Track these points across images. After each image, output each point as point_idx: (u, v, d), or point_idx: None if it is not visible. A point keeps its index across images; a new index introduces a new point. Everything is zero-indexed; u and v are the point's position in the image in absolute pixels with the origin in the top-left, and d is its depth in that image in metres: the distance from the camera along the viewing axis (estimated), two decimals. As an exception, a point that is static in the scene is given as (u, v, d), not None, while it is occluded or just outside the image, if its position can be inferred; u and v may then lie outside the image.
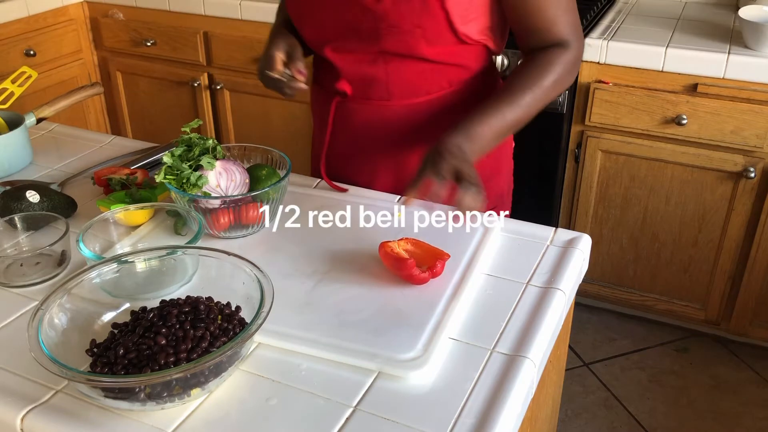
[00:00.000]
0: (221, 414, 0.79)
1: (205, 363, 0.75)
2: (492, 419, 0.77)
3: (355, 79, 1.20)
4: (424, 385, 0.83)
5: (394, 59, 1.16)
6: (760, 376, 2.23)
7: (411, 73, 1.17)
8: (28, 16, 2.53)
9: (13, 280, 1.01)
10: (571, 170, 2.20)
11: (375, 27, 1.12)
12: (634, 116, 2.02)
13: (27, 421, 0.79)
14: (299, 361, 0.86)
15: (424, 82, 1.19)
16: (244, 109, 2.61)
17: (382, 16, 1.11)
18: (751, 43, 1.91)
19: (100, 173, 1.22)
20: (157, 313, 0.85)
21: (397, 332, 0.90)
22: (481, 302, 0.97)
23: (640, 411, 2.11)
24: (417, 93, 1.20)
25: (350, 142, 1.27)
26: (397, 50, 1.15)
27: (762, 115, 1.88)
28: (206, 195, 1.05)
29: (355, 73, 1.19)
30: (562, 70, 1.15)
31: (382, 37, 1.13)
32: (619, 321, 2.45)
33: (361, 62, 1.18)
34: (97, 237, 1.03)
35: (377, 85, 1.19)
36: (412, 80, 1.18)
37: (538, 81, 1.14)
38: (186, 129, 1.10)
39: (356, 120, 1.24)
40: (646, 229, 2.19)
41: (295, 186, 1.24)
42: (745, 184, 1.99)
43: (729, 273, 2.14)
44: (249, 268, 0.88)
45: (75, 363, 0.78)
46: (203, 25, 2.54)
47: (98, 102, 2.87)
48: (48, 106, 1.44)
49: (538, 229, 1.12)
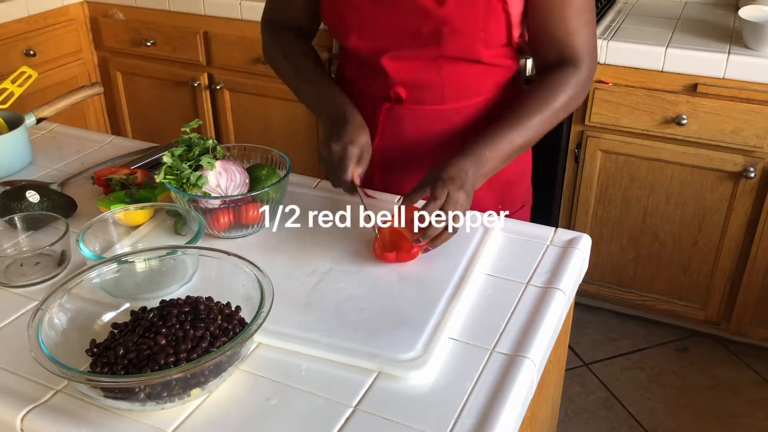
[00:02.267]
0: (221, 414, 0.79)
1: (205, 363, 0.75)
2: (492, 419, 0.77)
3: (409, 84, 1.18)
4: (424, 385, 0.83)
5: (448, 63, 1.15)
6: (760, 376, 2.23)
7: (464, 75, 1.17)
8: (28, 16, 2.53)
9: (13, 280, 1.01)
10: (571, 170, 2.20)
11: (436, 31, 1.11)
12: (634, 116, 2.02)
13: (27, 421, 0.79)
14: (299, 361, 0.86)
15: (474, 84, 1.19)
16: (244, 109, 2.61)
17: (444, 20, 1.10)
18: (751, 43, 1.91)
19: (100, 173, 1.22)
20: (157, 313, 0.85)
21: (397, 332, 0.90)
22: (481, 302, 0.97)
23: (640, 411, 2.11)
24: (468, 95, 1.19)
25: (398, 148, 1.24)
26: (457, 54, 1.14)
27: (762, 115, 1.88)
28: (206, 195, 1.05)
29: (409, 78, 1.18)
30: (573, 91, 1.15)
31: (443, 42, 1.12)
32: (619, 321, 2.45)
33: (416, 68, 1.17)
34: (97, 237, 1.03)
35: (431, 89, 1.18)
36: (465, 83, 1.18)
37: (548, 103, 1.14)
38: (186, 129, 1.10)
39: (406, 125, 1.22)
40: (646, 229, 2.19)
41: (295, 186, 1.24)
42: (745, 184, 1.99)
43: (729, 273, 2.14)
44: (249, 268, 0.88)
45: (75, 363, 0.78)
46: (203, 25, 2.54)
47: (98, 102, 2.87)
48: (48, 106, 1.44)
49: (538, 229, 1.12)
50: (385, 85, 1.20)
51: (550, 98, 1.14)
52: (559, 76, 1.15)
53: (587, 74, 1.17)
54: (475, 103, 1.21)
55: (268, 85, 2.48)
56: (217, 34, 2.51)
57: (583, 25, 1.14)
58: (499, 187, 1.27)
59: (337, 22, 1.19)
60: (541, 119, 1.13)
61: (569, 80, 1.15)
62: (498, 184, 1.25)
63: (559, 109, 1.15)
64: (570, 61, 1.16)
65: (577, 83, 1.16)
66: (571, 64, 1.16)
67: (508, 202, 1.29)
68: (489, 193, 1.24)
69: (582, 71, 1.16)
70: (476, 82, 1.19)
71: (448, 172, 1.04)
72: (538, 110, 1.13)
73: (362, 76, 1.24)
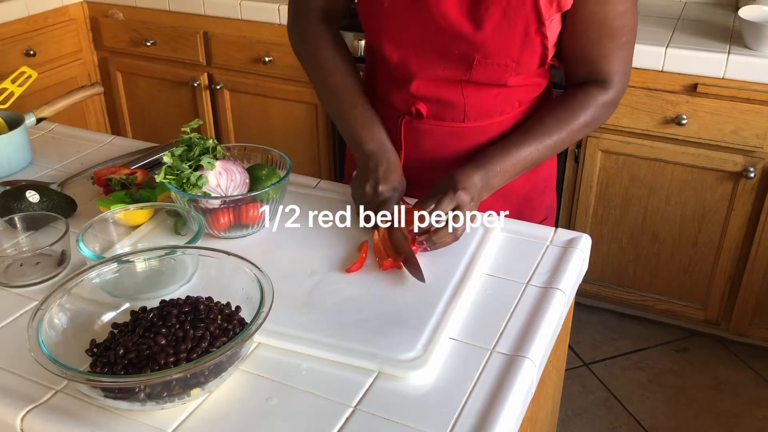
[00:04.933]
0: (221, 414, 0.79)
1: (205, 363, 0.75)
2: (492, 419, 0.77)
3: (432, 101, 1.17)
4: (424, 385, 0.83)
5: (473, 85, 1.14)
6: (760, 376, 2.23)
7: (488, 97, 1.15)
8: (28, 16, 2.53)
9: (13, 280, 1.01)
10: (571, 170, 2.20)
11: (467, 56, 1.09)
12: (634, 116, 2.02)
13: (27, 421, 0.79)
14: (299, 361, 0.86)
15: (498, 105, 1.17)
16: (244, 109, 2.61)
17: (478, 46, 1.07)
18: (751, 43, 1.91)
19: (100, 173, 1.22)
20: (157, 313, 0.85)
21: (397, 332, 0.90)
22: (481, 302, 0.97)
23: (640, 411, 2.11)
24: (491, 115, 1.18)
25: (416, 161, 1.22)
26: (484, 80, 1.12)
27: (762, 115, 1.89)
28: (206, 195, 1.05)
29: (432, 95, 1.16)
30: (596, 112, 1.13)
31: (473, 68, 1.10)
32: (619, 321, 2.45)
33: (440, 86, 1.15)
34: (97, 237, 1.03)
35: (454, 108, 1.16)
36: (488, 104, 1.16)
37: (568, 122, 1.12)
38: (186, 129, 1.10)
39: (426, 140, 1.20)
40: (646, 229, 2.19)
41: (295, 186, 1.24)
42: (744, 184, 1.99)
43: (729, 273, 2.14)
44: (249, 268, 0.88)
45: (75, 363, 0.78)
46: (203, 25, 2.54)
47: (98, 102, 2.87)
48: (48, 106, 1.44)
49: (538, 229, 1.12)
50: (408, 99, 1.18)
51: (571, 118, 1.12)
52: (584, 95, 1.13)
53: (614, 97, 1.15)
54: (498, 122, 1.19)
55: (268, 85, 2.48)
56: (217, 34, 2.51)
57: (618, 48, 1.11)
58: (516, 201, 1.25)
59: (368, 21, 1.16)
60: (558, 138, 1.12)
61: (594, 101, 1.13)
62: (515, 198, 1.24)
63: (576, 130, 1.13)
64: (599, 82, 1.14)
65: (601, 104, 1.13)
66: (600, 86, 1.14)
67: (526, 215, 1.25)
68: (505, 206, 1.22)
69: (609, 93, 1.14)
70: (499, 102, 1.17)
71: (458, 181, 1.05)
72: (557, 130, 1.12)
73: (387, 84, 1.22)
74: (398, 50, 1.13)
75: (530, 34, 1.06)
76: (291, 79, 2.40)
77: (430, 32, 1.09)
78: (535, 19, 1.04)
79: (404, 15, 1.09)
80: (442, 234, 1.03)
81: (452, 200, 1.04)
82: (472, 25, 1.06)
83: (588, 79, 1.14)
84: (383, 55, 1.16)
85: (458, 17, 1.06)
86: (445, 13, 1.06)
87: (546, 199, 1.33)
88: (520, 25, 1.05)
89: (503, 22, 1.05)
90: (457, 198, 1.04)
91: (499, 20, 1.05)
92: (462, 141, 1.19)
